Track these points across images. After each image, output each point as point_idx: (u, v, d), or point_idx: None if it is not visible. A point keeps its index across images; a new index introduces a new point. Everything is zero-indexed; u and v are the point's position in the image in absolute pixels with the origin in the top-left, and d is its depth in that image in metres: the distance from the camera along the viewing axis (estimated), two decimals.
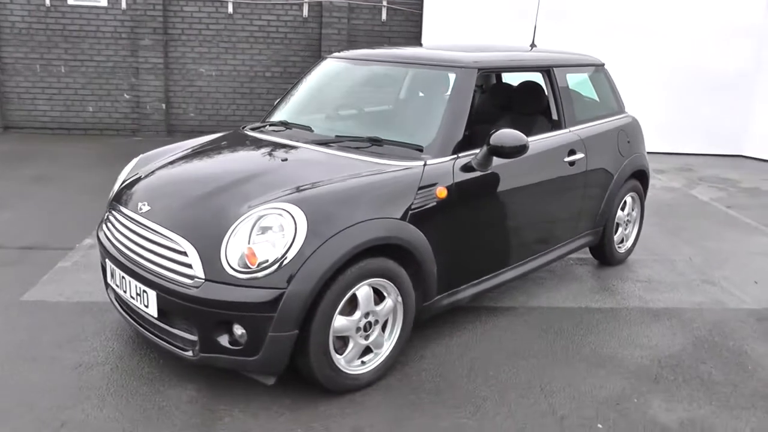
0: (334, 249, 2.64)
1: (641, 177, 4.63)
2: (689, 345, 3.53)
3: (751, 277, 4.52)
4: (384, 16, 8.52)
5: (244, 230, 2.64)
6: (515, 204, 3.55)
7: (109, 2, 7.83)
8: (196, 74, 8.26)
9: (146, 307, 2.83)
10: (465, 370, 3.18)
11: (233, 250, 2.62)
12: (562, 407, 2.90)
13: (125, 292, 2.96)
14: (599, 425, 2.79)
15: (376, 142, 3.27)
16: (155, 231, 2.81)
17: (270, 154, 3.29)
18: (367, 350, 2.95)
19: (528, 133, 3.27)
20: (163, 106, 8.16)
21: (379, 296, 2.92)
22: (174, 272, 2.70)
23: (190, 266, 2.65)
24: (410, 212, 2.94)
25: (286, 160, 3.19)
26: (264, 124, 3.86)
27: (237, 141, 3.63)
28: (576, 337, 3.56)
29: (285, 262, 2.57)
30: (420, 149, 3.20)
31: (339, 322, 2.75)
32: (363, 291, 2.81)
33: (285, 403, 2.83)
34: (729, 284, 4.37)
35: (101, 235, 3.26)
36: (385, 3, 8.46)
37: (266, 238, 2.62)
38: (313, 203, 2.70)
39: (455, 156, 3.21)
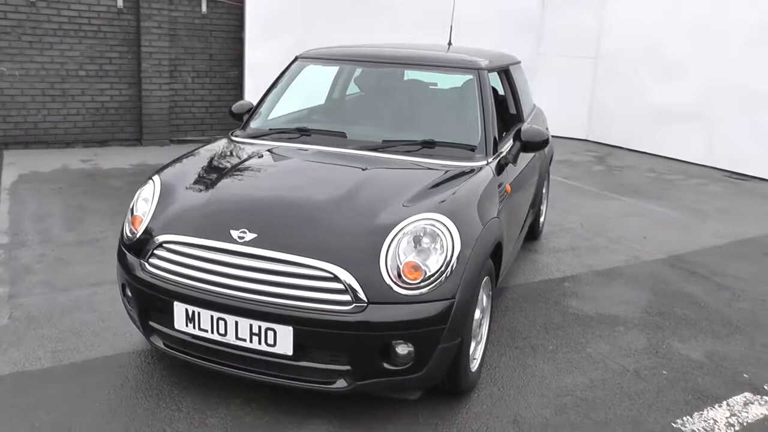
0: (480, 253, 2.70)
1: (550, 160, 5.29)
2: (652, 295, 4.27)
3: (637, 233, 5.51)
4: (204, 9, 7.99)
5: (399, 245, 2.54)
6: (521, 191, 3.88)
7: None
8: None
9: (271, 346, 2.52)
10: (522, 344, 3.45)
11: (392, 267, 2.51)
12: (627, 364, 3.35)
13: (222, 335, 2.58)
14: (664, 372, 3.30)
15: (428, 144, 3.30)
16: (282, 260, 2.51)
17: (340, 163, 3.11)
18: None
19: None
20: None
21: None
22: (321, 301, 2.47)
23: (344, 291, 2.46)
24: (498, 209, 3.09)
25: (366, 168, 3.04)
26: (267, 132, 3.58)
27: (273, 152, 3.36)
28: (574, 304, 4.05)
29: (448, 272, 2.55)
30: (473, 149, 3.33)
31: None
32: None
33: (425, 413, 2.81)
34: (629, 242, 5.28)
35: (144, 276, 2.73)
36: None
37: (422, 250, 2.55)
38: (457, 211, 2.71)
39: (499, 153, 3.41)
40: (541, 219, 5.32)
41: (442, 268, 2.54)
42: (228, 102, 8.42)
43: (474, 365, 2.98)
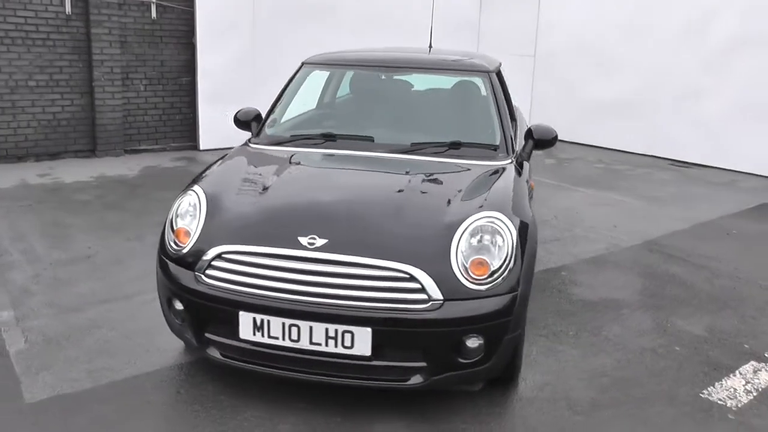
0: (532, 247, 2.85)
1: None
2: (641, 279, 4.57)
3: (608, 222, 5.84)
4: (154, 14, 7.77)
5: (467, 243, 2.66)
6: None
7: None
8: None
9: (348, 348, 2.57)
10: (545, 331, 3.64)
11: (461, 264, 2.62)
12: (643, 343, 3.60)
13: (295, 341, 2.61)
14: (676, 348, 3.57)
15: (454, 145, 3.42)
16: (357, 264, 2.57)
17: (384, 167, 3.19)
18: None
19: None
20: None
21: None
22: (398, 301, 2.55)
23: (420, 290, 2.55)
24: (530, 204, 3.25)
25: (408, 171, 3.13)
26: (289, 138, 3.59)
27: (310, 158, 3.40)
28: (576, 292, 4.28)
29: (510, 266, 2.68)
30: (495, 148, 3.48)
31: None
32: None
33: (483, 403, 2.94)
34: (604, 231, 5.60)
35: (201, 288, 2.72)
36: (153, 0, 7.73)
37: (484, 246, 2.68)
38: (510, 208, 2.85)
39: (516, 151, 3.58)
40: None
41: (504, 263, 2.67)
42: (181, 109, 8.26)
43: None
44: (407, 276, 2.55)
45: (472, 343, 2.64)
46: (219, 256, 2.72)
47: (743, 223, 5.99)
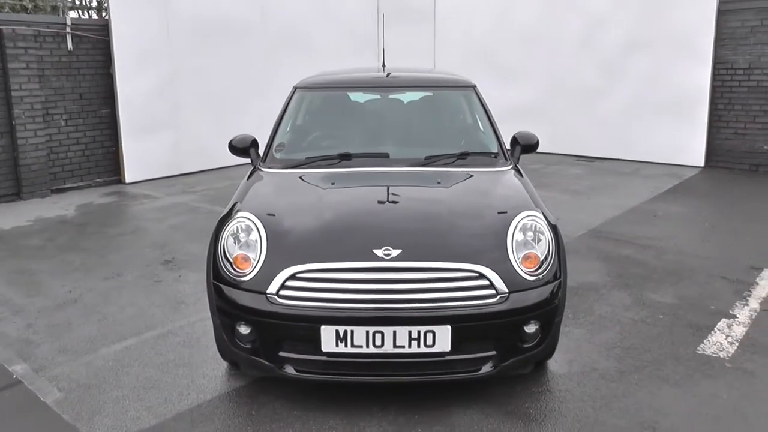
0: (561, 239, 3.22)
1: None
2: (603, 263, 5.11)
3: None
4: (70, 45, 7.49)
5: (517, 240, 2.97)
6: None
7: None
8: None
9: (429, 347, 2.80)
10: None
11: (519, 258, 2.92)
12: (632, 316, 4.09)
13: (379, 346, 2.80)
14: (660, 316, 4.10)
15: (462, 156, 3.74)
16: (432, 268, 2.82)
17: (414, 180, 3.44)
18: None
19: None
20: None
21: None
22: (471, 299, 2.81)
23: (489, 286, 2.82)
24: None
25: (440, 182, 3.40)
26: (304, 160, 3.75)
27: (342, 178, 3.58)
28: None
29: (552, 257, 3.03)
30: (495, 155, 3.84)
31: None
32: None
33: (532, 384, 3.25)
34: None
35: (277, 309, 2.83)
36: (68, 29, 7.44)
37: (532, 241, 3.01)
38: (541, 207, 3.22)
39: (509, 156, 3.97)
40: None
41: (548, 255, 3.02)
42: (103, 142, 7.99)
43: None
44: (477, 274, 2.83)
45: (530, 328, 2.95)
46: (292, 276, 2.85)
47: (663, 205, 6.79)
